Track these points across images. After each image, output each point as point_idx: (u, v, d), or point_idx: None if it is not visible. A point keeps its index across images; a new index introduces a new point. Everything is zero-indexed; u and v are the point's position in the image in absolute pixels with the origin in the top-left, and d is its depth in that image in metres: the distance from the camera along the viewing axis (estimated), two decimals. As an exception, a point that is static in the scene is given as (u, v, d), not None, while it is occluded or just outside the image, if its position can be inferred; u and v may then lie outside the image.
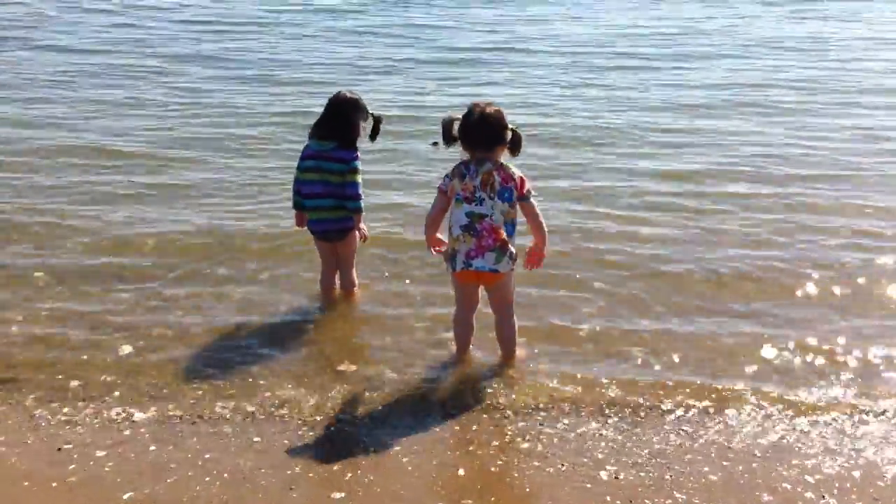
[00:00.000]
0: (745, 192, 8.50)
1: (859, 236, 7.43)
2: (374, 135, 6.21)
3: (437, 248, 5.50)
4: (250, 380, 5.47)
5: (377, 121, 6.18)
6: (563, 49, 14.63)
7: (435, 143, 5.35)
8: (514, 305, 5.61)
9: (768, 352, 5.74)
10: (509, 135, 5.27)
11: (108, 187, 8.56)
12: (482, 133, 5.24)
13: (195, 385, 5.41)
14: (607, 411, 5.12)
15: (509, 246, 5.31)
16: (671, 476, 4.50)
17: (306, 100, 11.29)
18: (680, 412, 5.11)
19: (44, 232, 7.53)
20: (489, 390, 5.35)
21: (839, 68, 13.39)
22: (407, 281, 6.71)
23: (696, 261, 7.01)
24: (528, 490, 4.47)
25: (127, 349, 5.82)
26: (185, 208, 8.04)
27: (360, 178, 6.13)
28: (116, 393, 5.33)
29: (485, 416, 5.10)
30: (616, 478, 4.48)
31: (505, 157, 5.36)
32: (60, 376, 5.49)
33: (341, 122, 6.09)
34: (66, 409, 5.17)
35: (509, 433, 4.93)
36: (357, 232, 6.24)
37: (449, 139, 5.32)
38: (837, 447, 4.75)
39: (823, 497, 4.33)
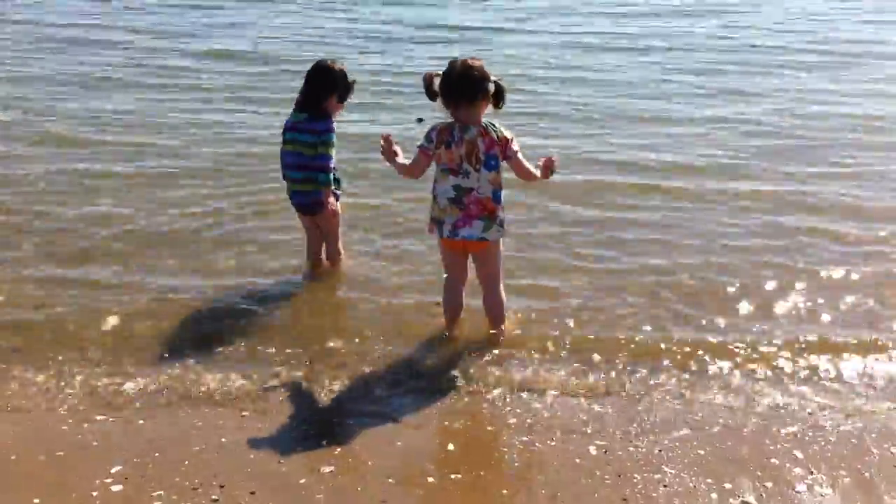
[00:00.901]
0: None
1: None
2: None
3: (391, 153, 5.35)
4: (238, 353, 5.45)
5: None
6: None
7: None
8: (502, 273, 5.58)
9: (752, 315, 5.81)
10: (492, 87, 5.15)
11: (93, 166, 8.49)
12: (463, 85, 5.10)
13: (183, 358, 5.38)
14: (596, 386, 5.13)
15: (498, 214, 5.28)
16: (660, 450, 4.51)
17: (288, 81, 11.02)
18: (671, 384, 5.12)
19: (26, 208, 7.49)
20: (478, 364, 5.34)
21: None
22: (396, 250, 6.69)
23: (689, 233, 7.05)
24: (517, 465, 4.47)
25: (113, 321, 5.78)
26: (169, 189, 7.95)
27: (332, 151, 5.97)
28: (104, 365, 5.30)
29: (473, 390, 5.09)
30: (605, 452, 4.49)
31: (491, 114, 5.24)
32: (50, 352, 5.45)
33: (313, 91, 5.98)
34: (52, 382, 5.14)
35: (497, 408, 4.93)
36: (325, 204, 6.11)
37: (431, 95, 5.19)
38: (825, 423, 4.78)
39: (812, 472, 4.35)
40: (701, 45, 13.34)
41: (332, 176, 6.01)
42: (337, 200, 6.17)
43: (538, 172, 5.25)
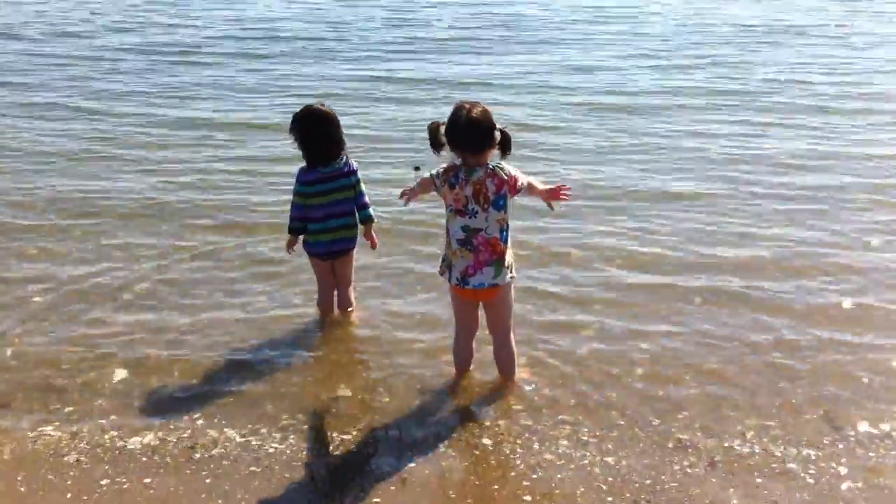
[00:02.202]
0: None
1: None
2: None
3: (407, 195, 5.38)
4: (247, 405, 5.41)
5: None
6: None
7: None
8: (512, 323, 5.53)
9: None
10: (498, 135, 5.13)
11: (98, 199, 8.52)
12: (470, 136, 5.09)
13: (191, 410, 5.35)
14: (607, 434, 5.05)
15: (506, 257, 5.24)
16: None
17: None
18: (685, 435, 5.03)
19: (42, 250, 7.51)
20: (489, 413, 5.29)
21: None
22: (405, 301, 6.63)
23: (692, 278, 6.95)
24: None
25: (122, 374, 5.76)
26: (179, 230, 7.96)
27: (364, 186, 6.18)
28: (112, 417, 5.27)
29: (484, 439, 5.04)
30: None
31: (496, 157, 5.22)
32: (57, 404, 5.44)
33: (335, 138, 6.03)
34: (60, 434, 5.12)
35: (507, 457, 4.88)
36: (370, 242, 6.28)
37: (437, 145, 5.18)
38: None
39: None
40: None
41: (372, 210, 6.22)
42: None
43: (544, 188, 5.24)
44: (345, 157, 6.11)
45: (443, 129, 5.16)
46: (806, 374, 5.62)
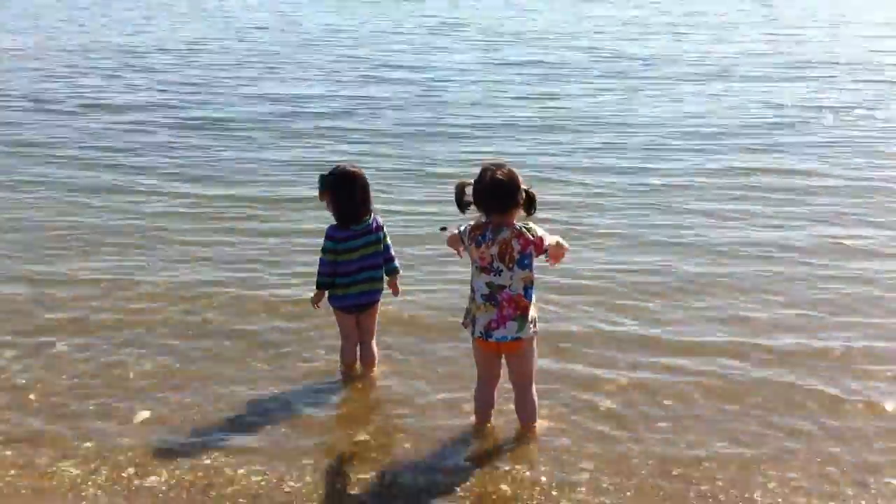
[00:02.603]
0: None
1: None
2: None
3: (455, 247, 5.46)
4: (266, 447, 5.43)
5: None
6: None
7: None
8: (535, 375, 5.53)
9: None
10: (523, 195, 5.23)
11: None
12: (496, 197, 5.20)
13: (210, 451, 5.37)
14: (626, 482, 5.00)
15: (530, 311, 5.28)
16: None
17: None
18: (705, 488, 4.96)
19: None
20: (508, 461, 5.27)
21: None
22: (428, 355, 6.64)
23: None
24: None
25: (144, 415, 5.80)
26: (204, 270, 8.07)
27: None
28: (130, 454, 5.31)
29: (502, 485, 5.02)
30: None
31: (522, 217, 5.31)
32: (76, 441, 5.48)
33: (366, 196, 6.19)
34: (78, 471, 5.15)
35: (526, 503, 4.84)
36: (392, 290, 6.41)
37: (462, 205, 5.29)
38: None
39: None
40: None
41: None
42: None
43: (554, 242, 5.25)
44: (372, 215, 6.25)
45: (468, 189, 5.27)
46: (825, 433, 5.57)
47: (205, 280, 8.01)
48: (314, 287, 6.25)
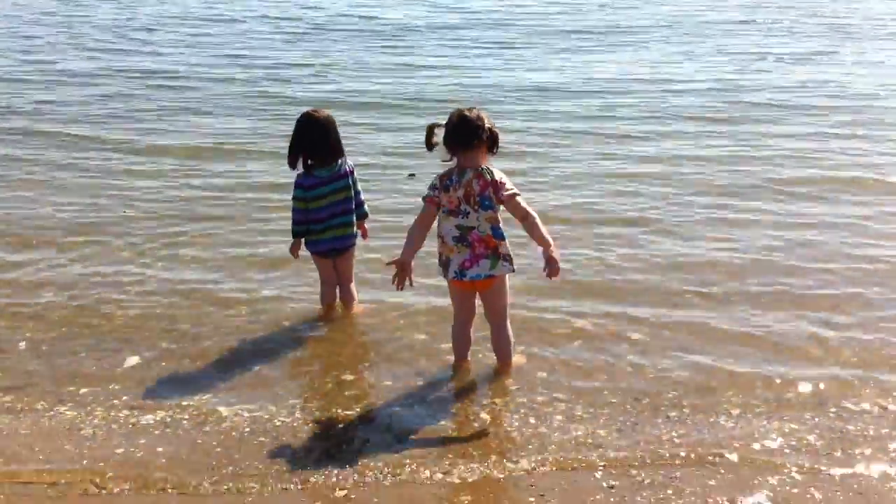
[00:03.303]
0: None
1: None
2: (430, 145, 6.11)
3: (407, 280, 5.55)
4: (255, 387, 5.67)
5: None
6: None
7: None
8: (508, 311, 5.76)
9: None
10: (487, 133, 5.44)
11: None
12: (460, 133, 5.44)
13: (201, 392, 5.61)
14: (600, 412, 5.29)
15: (501, 249, 5.50)
16: (663, 479, 4.65)
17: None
18: (673, 414, 5.27)
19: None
20: (487, 393, 5.55)
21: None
22: (405, 296, 6.83)
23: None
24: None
25: (133, 360, 6.01)
26: (190, 235, 8.24)
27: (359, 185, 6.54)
28: (125, 398, 5.52)
29: (482, 414, 5.29)
30: (610, 487, 4.61)
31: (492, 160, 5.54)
32: (70, 387, 5.69)
33: (333, 141, 6.34)
34: (75, 413, 5.36)
35: (505, 430, 5.14)
36: (361, 233, 6.61)
37: (430, 145, 5.57)
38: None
39: None
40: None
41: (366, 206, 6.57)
42: None
43: (537, 224, 5.39)
44: (342, 160, 6.41)
45: (437, 130, 5.53)
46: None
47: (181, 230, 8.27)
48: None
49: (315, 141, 6.31)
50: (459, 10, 19.80)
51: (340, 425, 5.22)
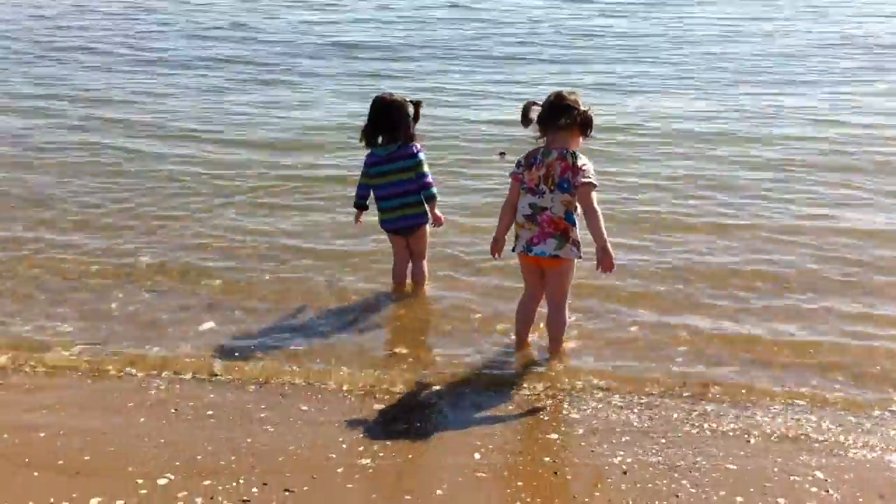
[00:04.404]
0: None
1: None
2: (416, 119, 6.62)
3: (498, 254, 5.85)
4: (309, 355, 5.97)
5: (417, 106, 6.62)
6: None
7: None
8: (567, 298, 5.83)
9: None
10: (580, 115, 5.52)
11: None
12: (552, 111, 5.56)
13: (262, 355, 5.95)
14: (637, 401, 5.36)
15: (570, 234, 5.57)
16: (684, 463, 4.69)
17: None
18: (709, 407, 5.28)
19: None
20: (536, 371, 5.71)
21: None
22: (477, 274, 7.06)
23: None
24: (554, 478, 4.64)
25: (209, 324, 6.42)
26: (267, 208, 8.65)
27: (427, 168, 6.64)
28: (192, 360, 5.91)
29: (522, 402, 5.38)
30: (626, 468, 4.68)
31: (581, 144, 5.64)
32: (147, 345, 6.13)
33: (396, 124, 6.56)
34: (142, 374, 5.79)
35: (538, 410, 5.27)
36: (432, 219, 6.67)
37: (525, 120, 5.62)
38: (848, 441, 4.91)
39: (828, 491, 4.44)
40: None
41: (434, 189, 6.64)
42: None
43: (598, 220, 5.40)
44: (410, 142, 6.59)
45: (534, 108, 5.64)
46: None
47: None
48: None
49: (375, 121, 6.58)
50: None
51: (387, 400, 5.42)
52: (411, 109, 6.63)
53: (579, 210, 5.54)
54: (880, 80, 13.13)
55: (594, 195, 5.47)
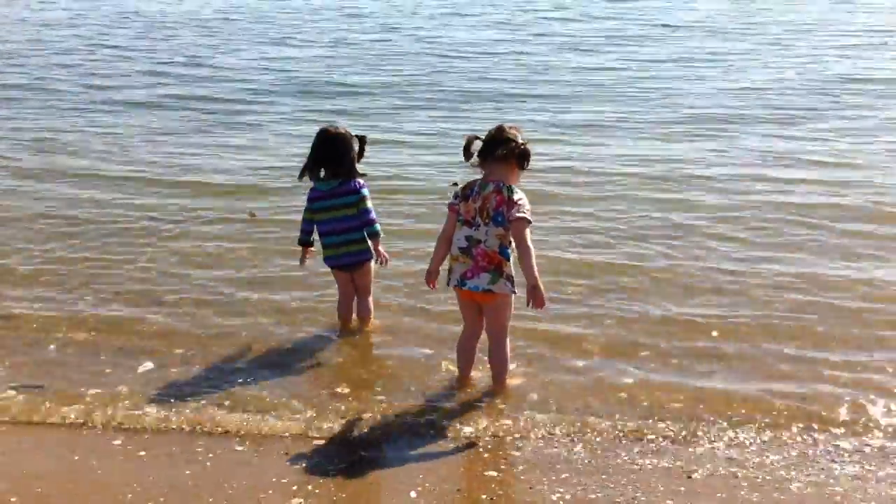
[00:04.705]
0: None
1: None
2: (360, 155, 6.54)
3: (433, 285, 5.79)
4: (249, 395, 5.86)
5: (362, 141, 6.54)
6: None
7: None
8: (507, 333, 5.77)
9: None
10: (517, 148, 5.53)
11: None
12: (491, 143, 5.56)
13: (199, 396, 5.84)
14: (581, 437, 5.30)
15: (504, 268, 5.53)
16: (623, 499, 4.63)
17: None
18: (651, 444, 5.23)
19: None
20: (479, 408, 5.63)
21: None
22: (424, 312, 6.98)
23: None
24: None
25: (148, 365, 6.30)
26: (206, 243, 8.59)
27: (370, 204, 6.52)
28: (127, 402, 5.78)
29: (462, 439, 5.32)
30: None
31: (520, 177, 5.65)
32: (83, 387, 5.99)
33: (341, 158, 6.47)
34: (79, 416, 5.67)
35: (477, 447, 5.21)
36: (377, 256, 6.53)
37: (467, 154, 5.62)
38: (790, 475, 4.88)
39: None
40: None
41: (378, 227, 6.53)
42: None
43: (529, 256, 5.36)
44: (346, 178, 6.48)
45: (475, 143, 5.63)
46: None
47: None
48: None
49: (318, 153, 6.51)
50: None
51: (327, 441, 5.33)
52: (356, 144, 6.57)
53: (513, 245, 5.51)
54: (836, 117, 12.90)
55: (528, 231, 5.45)
